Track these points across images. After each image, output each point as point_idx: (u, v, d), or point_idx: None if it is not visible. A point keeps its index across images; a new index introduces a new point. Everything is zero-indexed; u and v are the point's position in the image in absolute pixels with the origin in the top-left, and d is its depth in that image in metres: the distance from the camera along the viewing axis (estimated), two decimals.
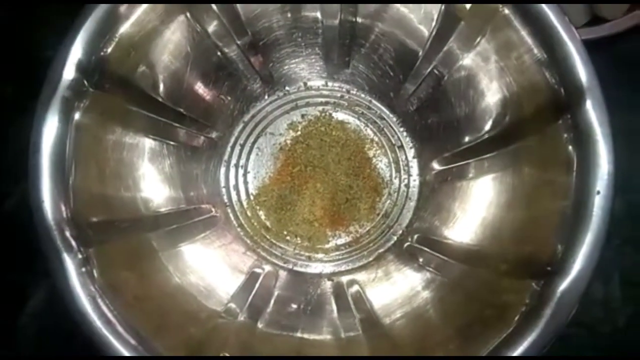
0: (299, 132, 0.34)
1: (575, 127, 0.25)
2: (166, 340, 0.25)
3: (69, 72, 0.26)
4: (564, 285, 0.24)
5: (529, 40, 0.26)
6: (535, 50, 0.26)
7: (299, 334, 0.28)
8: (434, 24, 0.28)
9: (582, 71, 0.25)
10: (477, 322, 0.26)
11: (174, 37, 0.29)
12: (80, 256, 0.25)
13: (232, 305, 0.29)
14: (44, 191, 0.25)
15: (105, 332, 0.24)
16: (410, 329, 0.28)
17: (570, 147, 0.25)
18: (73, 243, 0.25)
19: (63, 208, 0.25)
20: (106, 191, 0.27)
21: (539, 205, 0.27)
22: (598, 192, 0.24)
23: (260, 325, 0.29)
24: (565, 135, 0.26)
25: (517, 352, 0.24)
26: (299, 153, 0.33)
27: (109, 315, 0.24)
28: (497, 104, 0.29)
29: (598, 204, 0.24)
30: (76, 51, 0.26)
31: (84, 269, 0.25)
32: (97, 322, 0.24)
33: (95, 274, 0.25)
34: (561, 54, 0.25)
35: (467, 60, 0.29)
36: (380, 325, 0.29)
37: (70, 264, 0.25)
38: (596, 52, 0.25)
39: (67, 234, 0.25)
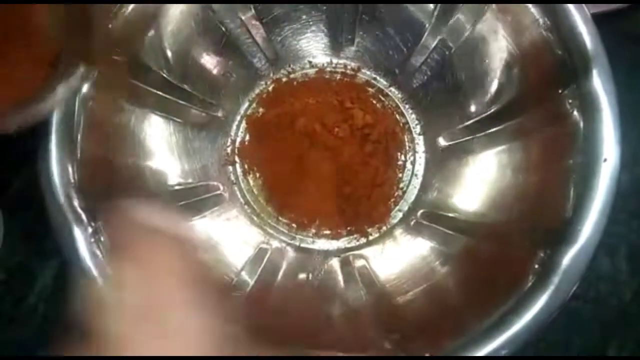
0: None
1: (582, 96, 0.25)
2: None
3: None
4: (571, 253, 0.24)
5: (534, 9, 0.26)
6: (541, 20, 0.26)
7: (308, 307, 0.29)
8: None
9: (588, 40, 0.25)
10: (486, 291, 0.26)
11: (178, 11, 0.29)
12: (89, 228, 0.25)
13: (242, 278, 0.29)
14: (53, 163, 0.25)
15: None
16: (418, 301, 0.28)
17: (576, 116, 0.26)
18: (82, 215, 0.25)
19: (72, 180, 0.25)
20: (115, 164, 0.27)
21: (546, 175, 0.27)
22: (605, 160, 0.25)
23: (269, 298, 0.29)
24: (572, 105, 0.26)
25: (526, 319, 0.24)
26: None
27: None
28: (504, 76, 0.29)
29: (605, 171, 0.24)
30: None
31: (93, 240, 0.25)
32: None
33: (106, 245, 0.25)
34: (567, 23, 0.25)
35: (474, 31, 0.29)
36: (387, 297, 0.29)
37: (79, 235, 0.25)
38: (598, 27, 0.25)
39: (76, 205, 0.25)
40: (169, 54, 0.30)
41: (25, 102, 0.22)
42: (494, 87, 0.29)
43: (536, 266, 0.25)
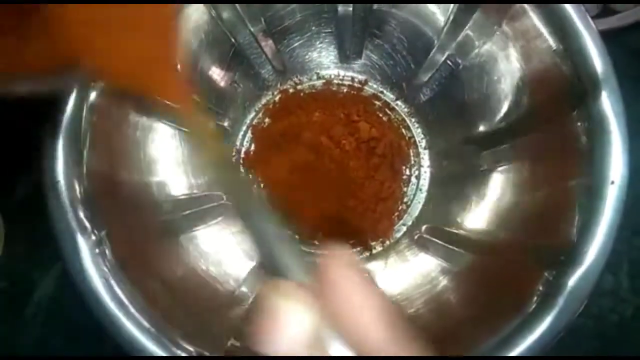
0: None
1: (591, 117, 0.25)
2: (178, 325, 0.25)
3: None
4: (577, 275, 0.24)
5: (545, 30, 0.26)
6: (551, 40, 0.26)
7: None
8: (450, 11, 0.28)
9: (598, 62, 0.25)
10: (489, 310, 0.26)
11: (188, 22, 0.29)
12: (94, 237, 0.25)
13: (243, 289, 0.29)
14: (59, 171, 0.25)
15: (117, 313, 0.24)
16: (420, 318, 0.28)
17: (585, 138, 0.26)
18: (87, 224, 0.25)
19: (78, 189, 0.25)
20: (121, 173, 0.27)
21: (553, 196, 0.27)
22: (612, 182, 0.25)
23: None
24: (580, 126, 0.26)
25: (530, 341, 0.24)
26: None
27: (122, 296, 0.24)
28: (512, 94, 0.29)
29: (612, 194, 0.24)
30: None
31: (97, 250, 0.25)
32: (110, 304, 0.24)
33: (109, 256, 0.25)
34: (577, 44, 0.25)
35: (482, 49, 0.29)
36: None
37: (83, 245, 0.25)
38: (606, 44, 0.25)
39: (81, 214, 0.25)
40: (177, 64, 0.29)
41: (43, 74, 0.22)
42: (501, 105, 0.29)
43: (541, 287, 0.25)
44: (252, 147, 0.34)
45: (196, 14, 0.29)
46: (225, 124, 0.33)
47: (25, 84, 0.20)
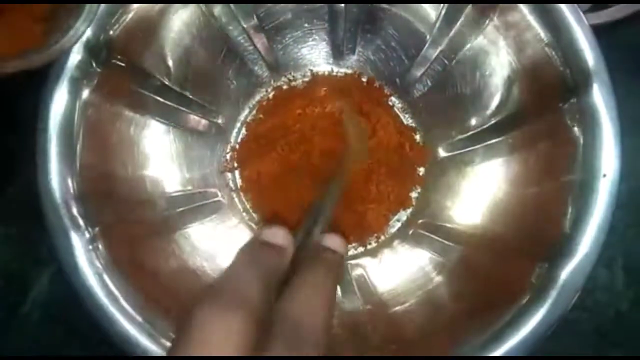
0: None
1: (582, 110, 0.25)
2: (172, 320, 0.25)
3: (77, 52, 0.26)
4: (569, 267, 0.24)
5: (536, 23, 0.26)
6: (542, 34, 0.26)
7: None
8: (441, 7, 0.29)
9: (589, 55, 0.25)
10: (483, 303, 0.26)
11: (180, 19, 0.29)
12: (87, 234, 0.25)
13: None
14: (52, 169, 0.25)
15: (112, 308, 0.24)
16: (415, 312, 0.28)
17: (576, 131, 0.26)
18: (80, 221, 0.25)
19: (71, 186, 0.25)
20: (114, 170, 0.27)
21: (545, 189, 0.27)
22: (604, 175, 0.25)
23: None
24: (572, 119, 0.26)
25: (523, 333, 0.24)
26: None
27: (116, 292, 0.24)
28: (504, 88, 0.29)
29: (604, 187, 0.25)
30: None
31: (90, 247, 0.25)
32: (104, 299, 0.24)
33: (102, 252, 0.25)
34: (568, 38, 0.26)
35: (474, 43, 0.29)
36: (384, 308, 0.29)
37: (77, 241, 0.25)
38: (598, 37, 0.25)
39: (75, 211, 0.25)
40: (170, 61, 0.30)
41: (25, 52, 0.23)
42: (494, 99, 0.29)
43: (534, 280, 0.25)
44: (247, 144, 0.34)
45: (188, 10, 0.29)
46: (219, 121, 0.33)
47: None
